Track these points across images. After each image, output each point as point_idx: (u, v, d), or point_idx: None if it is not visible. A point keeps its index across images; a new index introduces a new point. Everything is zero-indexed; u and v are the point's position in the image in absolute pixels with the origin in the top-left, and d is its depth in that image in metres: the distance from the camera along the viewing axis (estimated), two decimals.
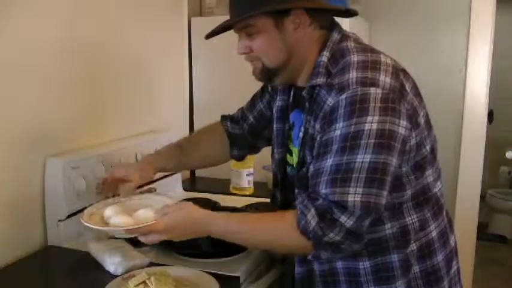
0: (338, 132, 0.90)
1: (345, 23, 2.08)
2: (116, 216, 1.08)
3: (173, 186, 1.85)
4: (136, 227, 1.01)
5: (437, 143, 1.07)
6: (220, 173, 1.87)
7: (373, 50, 1.00)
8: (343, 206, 0.88)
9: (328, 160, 0.91)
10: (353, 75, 0.92)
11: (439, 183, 1.06)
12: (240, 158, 1.46)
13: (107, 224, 1.07)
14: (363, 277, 1.00)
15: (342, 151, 0.89)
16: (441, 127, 1.04)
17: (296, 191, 1.06)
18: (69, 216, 1.34)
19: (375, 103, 0.88)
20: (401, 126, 0.90)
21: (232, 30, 1.07)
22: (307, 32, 1.02)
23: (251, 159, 1.77)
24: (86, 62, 1.52)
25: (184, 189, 1.94)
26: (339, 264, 1.03)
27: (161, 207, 1.07)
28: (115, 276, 1.10)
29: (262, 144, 1.40)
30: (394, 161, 0.90)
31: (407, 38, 2.64)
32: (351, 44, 1.01)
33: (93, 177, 1.43)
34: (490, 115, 2.90)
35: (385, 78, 0.91)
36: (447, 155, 2.64)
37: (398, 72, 0.96)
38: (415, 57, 2.63)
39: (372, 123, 0.87)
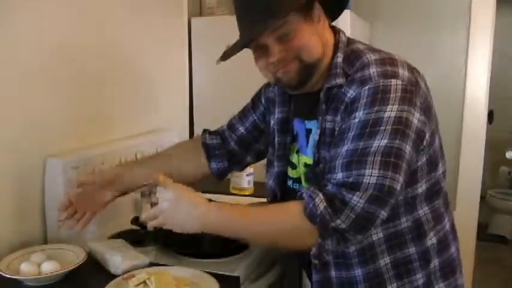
0: (357, 120, 0.92)
1: (345, 23, 2.11)
2: (26, 264, 1.12)
3: None
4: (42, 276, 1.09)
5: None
6: None
7: (383, 51, 1.03)
8: (356, 188, 0.88)
9: (345, 146, 0.92)
10: (374, 69, 0.96)
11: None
12: (220, 174, 1.34)
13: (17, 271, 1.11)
14: (386, 274, 1.01)
15: (360, 137, 0.90)
16: (441, 127, 1.04)
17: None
18: None
19: (396, 93, 0.92)
20: (416, 118, 0.93)
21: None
22: (325, 26, 1.05)
23: None
24: (86, 62, 1.52)
25: None
26: (358, 272, 1.01)
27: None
28: (115, 276, 1.10)
29: (251, 158, 1.33)
30: (408, 149, 0.91)
31: (407, 38, 2.64)
32: (360, 46, 1.04)
33: None
34: (490, 115, 2.89)
35: (403, 72, 0.96)
36: (447, 154, 2.62)
37: (412, 68, 1.01)
38: (415, 57, 2.58)
39: (391, 111, 0.90)
